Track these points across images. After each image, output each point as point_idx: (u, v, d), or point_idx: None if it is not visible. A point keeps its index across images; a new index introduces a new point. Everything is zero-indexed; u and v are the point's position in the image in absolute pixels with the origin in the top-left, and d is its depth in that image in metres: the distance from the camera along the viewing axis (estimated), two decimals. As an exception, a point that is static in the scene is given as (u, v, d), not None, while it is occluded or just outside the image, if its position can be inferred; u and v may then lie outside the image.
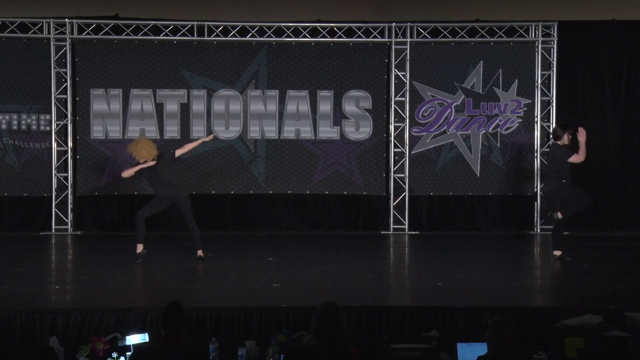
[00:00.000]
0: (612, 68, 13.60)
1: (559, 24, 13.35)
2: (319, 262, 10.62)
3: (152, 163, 10.27)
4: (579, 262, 10.39)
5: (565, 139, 10.38)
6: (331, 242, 12.45)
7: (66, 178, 13.18)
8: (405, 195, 13.42)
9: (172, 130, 13.20)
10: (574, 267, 10.11)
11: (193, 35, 13.17)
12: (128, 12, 13.21)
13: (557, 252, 10.41)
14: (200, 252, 10.40)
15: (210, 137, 11.31)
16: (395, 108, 13.38)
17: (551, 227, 11.18)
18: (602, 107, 13.63)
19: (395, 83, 13.36)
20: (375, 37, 13.35)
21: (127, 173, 10.47)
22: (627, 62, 13.59)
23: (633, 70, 13.60)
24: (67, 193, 13.18)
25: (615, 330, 7.06)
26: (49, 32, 13.06)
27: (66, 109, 13.13)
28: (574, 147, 10.41)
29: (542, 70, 13.38)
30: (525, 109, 13.41)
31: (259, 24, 13.23)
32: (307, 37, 13.30)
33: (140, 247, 10.26)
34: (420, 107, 13.41)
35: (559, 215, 10.32)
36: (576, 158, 10.27)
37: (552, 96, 13.41)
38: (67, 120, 13.14)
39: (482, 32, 13.36)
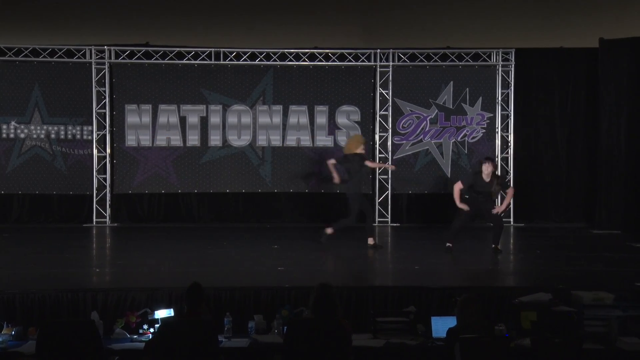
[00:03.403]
0: (561, 87, 13.60)
1: (516, 51, 13.37)
2: (316, 249, 10.59)
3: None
4: (533, 249, 10.39)
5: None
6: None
7: (105, 179, 13.16)
8: (388, 194, 13.42)
9: (194, 139, 13.18)
10: (528, 253, 10.11)
11: (211, 60, 13.16)
12: (157, 41, 13.21)
13: (449, 243, 10.03)
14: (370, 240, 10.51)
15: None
16: (380, 120, 13.37)
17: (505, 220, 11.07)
18: (552, 119, 13.63)
19: (379, 99, 13.36)
20: (363, 61, 13.34)
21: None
22: (572, 83, 13.58)
23: (577, 90, 13.59)
24: (106, 191, 13.16)
25: (563, 305, 7.05)
26: (90, 57, 13.05)
27: (105, 121, 13.12)
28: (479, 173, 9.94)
29: (502, 89, 13.39)
30: (488, 121, 13.41)
31: (266, 50, 13.23)
32: (306, 61, 13.30)
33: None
34: (400, 119, 13.40)
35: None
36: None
37: (511, 111, 13.41)
38: (105, 131, 13.13)
39: (452, 57, 13.36)
